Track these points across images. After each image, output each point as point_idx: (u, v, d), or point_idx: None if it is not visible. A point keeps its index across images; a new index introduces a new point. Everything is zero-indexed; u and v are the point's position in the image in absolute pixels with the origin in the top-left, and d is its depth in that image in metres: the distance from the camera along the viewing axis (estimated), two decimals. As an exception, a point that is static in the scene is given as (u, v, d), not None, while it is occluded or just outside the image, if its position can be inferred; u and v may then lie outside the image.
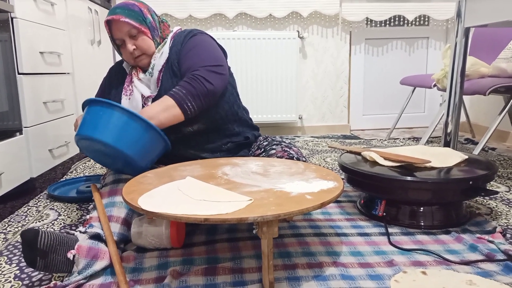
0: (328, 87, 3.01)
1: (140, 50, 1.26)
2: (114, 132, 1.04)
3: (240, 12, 2.80)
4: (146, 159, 1.10)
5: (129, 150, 1.05)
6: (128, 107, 1.28)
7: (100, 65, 2.43)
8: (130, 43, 1.25)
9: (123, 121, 1.04)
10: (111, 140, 1.03)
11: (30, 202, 1.51)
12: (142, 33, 1.25)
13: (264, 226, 0.83)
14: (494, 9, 1.44)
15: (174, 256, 1.04)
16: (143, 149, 1.07)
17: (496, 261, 0.98)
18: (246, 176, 1.05)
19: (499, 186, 1.61)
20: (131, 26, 1.23)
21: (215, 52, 1.27)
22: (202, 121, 1.26)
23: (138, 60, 1.28)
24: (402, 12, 2.91)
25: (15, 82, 1.49)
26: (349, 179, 1.33)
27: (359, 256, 1.03)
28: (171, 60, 1.27)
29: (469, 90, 1.90)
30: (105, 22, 1.26)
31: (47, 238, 0.91)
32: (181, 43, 1.29)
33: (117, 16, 1.22)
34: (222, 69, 1.23)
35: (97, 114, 1.05)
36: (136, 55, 1.27)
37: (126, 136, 1.04)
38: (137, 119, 1.05)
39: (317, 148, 2.42)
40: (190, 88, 1.16)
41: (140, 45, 1.26)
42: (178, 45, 1.29)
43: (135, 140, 1.05)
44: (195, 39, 1.28)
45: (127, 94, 1.30)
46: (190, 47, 1.26)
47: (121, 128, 1.04)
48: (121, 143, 1.03)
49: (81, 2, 2.13)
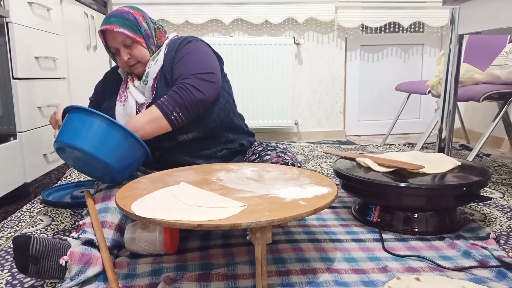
0: (324, 93, 3.02)
1: (135, 59, 1.26)
2: (94, 140, 1.03)
3: (237, 18, 2.81)
4: (125, 167, 1.09)
5: (108, 158, 1.03)
6: (122, 113, 1.28)
7: (96, 70, 2.43)
8: (124, 52, 1.24)
9: (102, 128, 1.03)
10: (89, 147, 1.02)
11: (24, 208, 1.50)
12: (136, 43, 1.24)
13: (258, 232, 0.83)
14: (487, 16, 1.46)
15: (168, 262, 1.03)
16: (122, 157, 1.06)
17: (490, 268, 0.98)
18: (241, 181, 1.05)
19: (493, 192, 1.62)
20: (125, 36, 1.23)
21: (208, 59, 1.25)
22: (197, 129, 1.26)
23: (133, 68, 1.28)
24: (397, 19, 2.93)
25: (10, 87, 1.49)
26: (343, 185, 1.33)
27: (353, 262, 1.02)
28: (165, 67, 1.27)
29: (463, 96, 1.91)
30: (99, 31, 1.25)
31: (39, 244, 0.91)
32: (175, 50, 1.28)
33: (111, 26, 1.21)
34: (213, 77, 1.21)
35: (77, 121, 1.04)
36: (131, 64, 1.27)
37: (105, 144, 1.03)
38: (116, 127, 1.04)
39: (313, 154, 2.42)
40: (178, 98, 1.15)
41: (134, 54, 1.25)
42: (172, 52, 1.28)
43: (113, 148, 1.04)
44: (188, 46, 1.27)
45: (121, 100, 1.29)
46: (182, 54, 1.25)
47: (101, 136, 1.03)
48: (100, 151, 1.02)
49: (77, 7, 2.13)
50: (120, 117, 1.28)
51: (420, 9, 2.92)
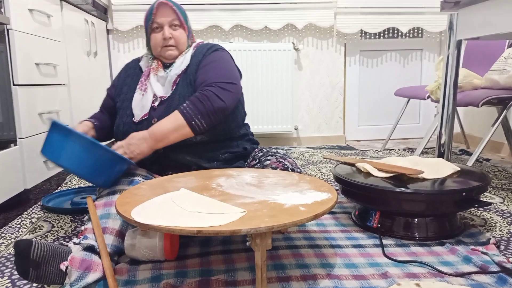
0: (324, 98, 3.03)
1: (175, 40, 1.31)
2: (70, 156, 1.10)
3: (236, 24, 2.83)
4: (102, 177, 1.13)
5: (82, 171, 1.11)
6: (139, 103, 1.30)
7: (96, 76, 2.44)
8: (168, 30, 1.30)
9: (80, 146, 1.09)
10: (66, 163, 1.11)
11: (24, 214, 1.50)
12: (182, 29, 1.33)
13: (258, 238, 0.83)
14: (485, 22, 1.46)
15: (168, 268, 1.03)
16: (97, 170, 1.11)
17: (490, 273, 0.98)
18: (240, 187, 1.05)
19: (493, 197, 1.62)
20: (177, 17, 1.31)
21: (232, 70, 1.31)
22: (206, 134, 1.28)
23: (166, 49, 1.32)
24: (396, 25, 2.94)
25: (10, 94, 1.49)
26: (343, 190, 1.33)
27: (353, 268, 1.02)
28: (190, 69, 1.31)
29: (462, 101, 1.92)
30: (155, 4, 1.29)
31: (40, 249, 0.91)
32: (203, 54, 1.33)
33: (169, 3, 1.30)
34: (234, 87, 1.26)
35: (55, 138, 1.11)
36: (169, 44, 1.31)
37: (81, 160, 1.09)
38: (95, 147, 1.08)
39: (313, 159, 2.42)
40: (200, 106, 1.19)
41: (177, 36, 1.31)
42: (199, 56, 1.33)
43: (84, 161, 1.09)
44: (215, 54, 1.33)
45: (142, 88, 1.32)
46: (209, 61, 1.30)
47: (78, 154, 1.09)
48: (74, 165, 1.10)
49: (77, 13, 2.15)
50: (137, 106, 1.30)
51: (418, 15, 2.93)
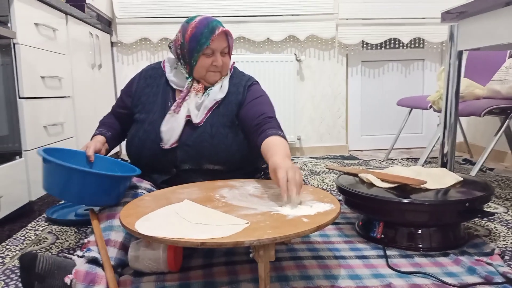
0: (326, 109, 3.04)
1: (223, 67, 1.31)
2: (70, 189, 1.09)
3: (239, 36, 2.86)
4: (104, 199, 1.12)
5: (74, 199, 1.13)
6: (167, 124, 1.25)
7: (100, 88, 2.46)
8: (220, 57, 1.29)
9: (78, 179, 1.07)
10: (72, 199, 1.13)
11: (29, 226, 1.50)
12: (229, 56, 1.32)
13: (261, 249, 0.83)
14: (485, 33, 1.47)
15: (171, 280, 1.03)
16: (97, 195, 1.09)
17: (495, 284, 0.97)
18: (244, 198, 1.06)
19: (497, 207, 1.61)
20: (229, 46, 1.30)
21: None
22: (226, 164, 1.28)
23: (212, 74, 1.29)
24: (397, 35, 2.96)
25: (16, 106, 1.51)
26: (346, 201, 1.33)
27: (357, 280, 1.02)
28: (229, 99, 1.30)
29: (464, 111, 1.92)
30: (217, 30, 1.25)
31: (45, 263, 0.91)
32: (242, 87, 1.32)
33: (229, 32, 1.30)
34: None
35: (48, 170, 1.12)
36: (218, 70, 1.30)
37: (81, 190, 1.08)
38: (87, 175, 1.08)
39: (316, 169, 2.42)
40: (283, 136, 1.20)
41: (225, 63, 1.31)
42: (239, 88, 1.32)
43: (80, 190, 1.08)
44: (258, 89, 1.35)
45: (176, 111, 1.27)
46: (256, 95, 1.32)
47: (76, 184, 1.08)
48: (69, 196, 1.11)
49: (82, 27, 2.18)
50: (165, 129, 1.25)
51: (420, 25, 2.95)
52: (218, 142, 1.25)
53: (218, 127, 1.27)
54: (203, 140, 1.25)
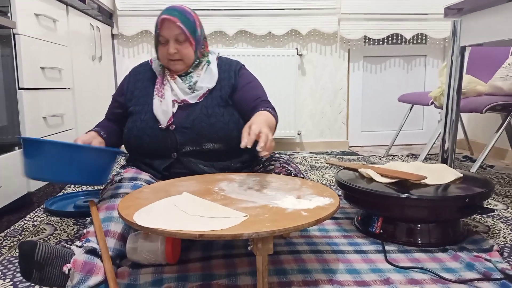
0: (327, 104, 3.03)
1: (180, 55, 1.30)
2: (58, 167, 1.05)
3: (240, 29, 2.84)
4: (94, 177, 1.10)
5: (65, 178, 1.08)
6: (159, 108, 1.29)
7: (100, 80, 2.45)
8: (173, 46, 1.28)
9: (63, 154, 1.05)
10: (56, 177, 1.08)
11: (27, 217, 1.50)
12: (188, 43, 1.30)
13: (259, 242, 0.83)
14: (489, 28, 1.46)
15: (169, 272, 1.03)
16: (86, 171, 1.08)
17: (493, 280, 0.97)
18: (243, 192, 1.06)
19: (497, 204, 1.61)
20: (182, 32, 1.28)
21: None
22: (225, 142, 1.29)
23: (173, 63, 1.31)
24: (400, 31, 2.95)
25: (15, 97, 1.50)
26: (346, 195, 1.33)
27: (355, 274, 1.02)
28: (222, 84, 1.33)
29: (465, 108, 1.91)
30: (159, 18, 1.28)
31: (44, 251, 0.91)
32: (233, 71, 1.36)
33: (174, 18, 1.26)
34: None
35: (30, 153, 1.06)
36: (174, 58, 1.30)
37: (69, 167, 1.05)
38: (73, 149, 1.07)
39: (316, 164, 2.42)
40: (275, 115, 1.28)
41: (182, 52, 1.29)
42: (230, 74, 1.35)
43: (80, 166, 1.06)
44: (248, 73, 1.40)
45: (159, 95, 1.32)
46: (248, 80, 1.37)
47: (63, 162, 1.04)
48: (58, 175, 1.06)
49: (82, 18, 2.17)
50: (158, 111, 1.29)
51: (422, 21, 2.94)
52: (216, 121, 1.28)
53: (213, 107, 1.30)
54: (201, 121, 1.28)
